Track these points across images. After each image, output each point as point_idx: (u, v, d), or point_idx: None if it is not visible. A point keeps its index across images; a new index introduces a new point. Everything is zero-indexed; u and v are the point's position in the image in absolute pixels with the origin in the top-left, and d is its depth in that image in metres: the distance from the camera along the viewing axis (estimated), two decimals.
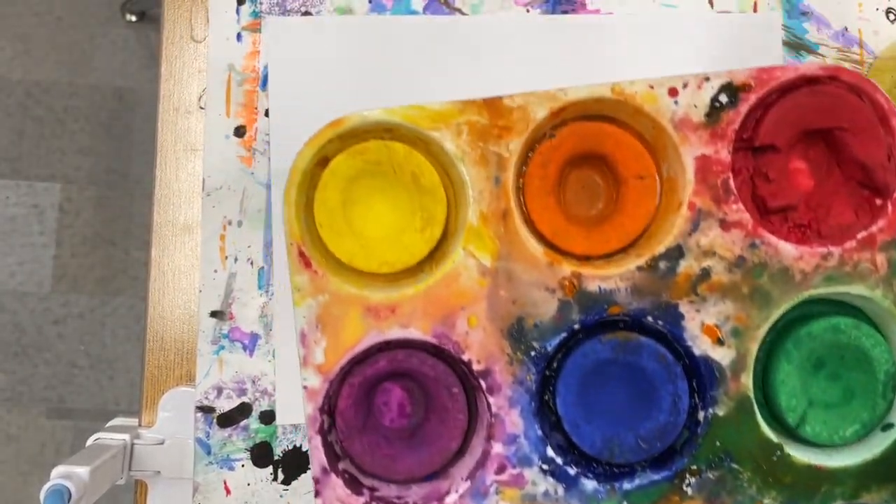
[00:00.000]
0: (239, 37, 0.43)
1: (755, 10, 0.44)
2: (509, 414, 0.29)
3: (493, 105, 0.29)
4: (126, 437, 0.40)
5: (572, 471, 0.29)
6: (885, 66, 0.43)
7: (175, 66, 0.44)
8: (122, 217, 1.11)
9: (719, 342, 0.29)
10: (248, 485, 0.40)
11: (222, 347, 0.41)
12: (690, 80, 0.29)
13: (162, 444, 0.41)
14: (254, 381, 0.41)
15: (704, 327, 0.29)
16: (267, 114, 0.42)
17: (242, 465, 0.41)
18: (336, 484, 0.29)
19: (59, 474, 0.35)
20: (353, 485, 0.29)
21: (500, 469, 0.29)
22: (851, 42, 0.44)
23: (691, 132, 0.29)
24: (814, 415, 0.29)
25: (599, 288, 0.29)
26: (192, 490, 0.40)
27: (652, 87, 0.29)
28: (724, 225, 0.29)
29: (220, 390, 0.41)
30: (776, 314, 0.29)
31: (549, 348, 0.29)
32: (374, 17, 0.43)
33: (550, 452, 0.29)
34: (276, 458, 0.41)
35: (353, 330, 0.29)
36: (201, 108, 0.43)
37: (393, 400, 0.29)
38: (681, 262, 0.29)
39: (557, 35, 0.43)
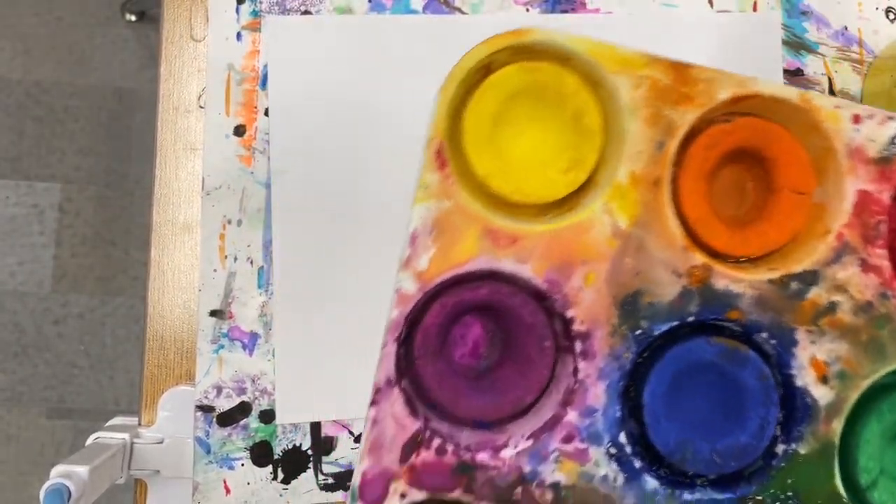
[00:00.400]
0: (238, 36, 0.43)
1: (755, 10, 0.44)
2: (595, 385, 0.28)
3: (680, 69, 0.28)
4: (126, 436, 0.40)
5: (638, 463, 0.28)
6: (884, 65, 0.43)
7: (175, 66, 0.44)
8: (122, 217, 1.11)
9: (823, 380, 0.28)
10: (248, 484, 0.40)
11: (222, 346, 0.41)
12: (877, 113, 0.29)
13: (161, 443, 0.41)
14: (253, 381, 0.41)
15: (814, 361, 0.28)
16: (266, 113, 0.42)
17: (242, 465, 0.41)
18: (396, 399, 0.27)
19: (59, 473, 0.35)
20: (411, 406, 0.28)
21: (568, 439, 0.28)
22: (851, 41, 0.44)
23: (861, 164, 0.28)
24: (884, 483, 0.28)
25: (726, 288, 0.28)
26: (191, 489, 0.40)
27: (838, 108, 0.28)
28: (864, 266, 0.28)
29: (219, 389, 0.41)
30: (885, 370, 0.28)
31: (655, 332, 0.28)
32: (373, 17, 0.43)
33: (623, 438, 0.28)
34: (275, 457, 0.41)
35: (467, 247, 0.27)
36: (201, 107, 0.43)
37: (470, 335, 0.28)
38: (812, 288, 0.28)
39: None
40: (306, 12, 0.43)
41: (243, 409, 0.41)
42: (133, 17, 1.13)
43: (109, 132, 1.12)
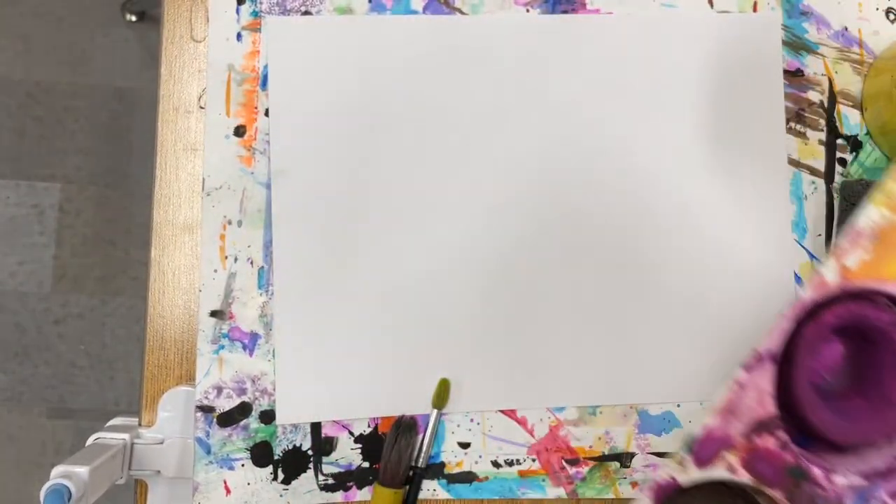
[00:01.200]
0: (239, 36, 0.43)
1: (755, 10, 0.44)
2: None
3: None
4: (126, 436, 0.40)
5: None
6: (884, 66, 0.43)
7: (175, 66, 0.44)
8: (122, 217, 1.11)
9: None
10: (248, 484, 0.40)
11: (222, 347, 0.41)
12: None
13: (162, 443, 0.41)
14: (254, 381, 0.41)
15: None
16: (267, 113, 0.42)
17: (242, 465, 0.41)
18: (768, 374, 0.27)
19: (59, 474, 0.35)
20: (777, 389, 0.28)
21: (895, 496, 0.28)
22: (851, 42, 0.44)
23: None
24: None
25: None
26: (192, 490, 0.40)
27: None
28: None
29: (219, 390, 0.41)
30: None
31: None
32: (373, 17, 0.43)
33: None
34: (275, 457, 0.41)
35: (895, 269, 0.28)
36: (201, 107, 0.43)
37: (827, 354, 0.29)
38: None
39: (557, 35, 0.43)
40: (306, 13, 0.43)
41: (243, 410, 0.41)
42: (133, 18, 1.13)
43: (109, 132, 1.12)
